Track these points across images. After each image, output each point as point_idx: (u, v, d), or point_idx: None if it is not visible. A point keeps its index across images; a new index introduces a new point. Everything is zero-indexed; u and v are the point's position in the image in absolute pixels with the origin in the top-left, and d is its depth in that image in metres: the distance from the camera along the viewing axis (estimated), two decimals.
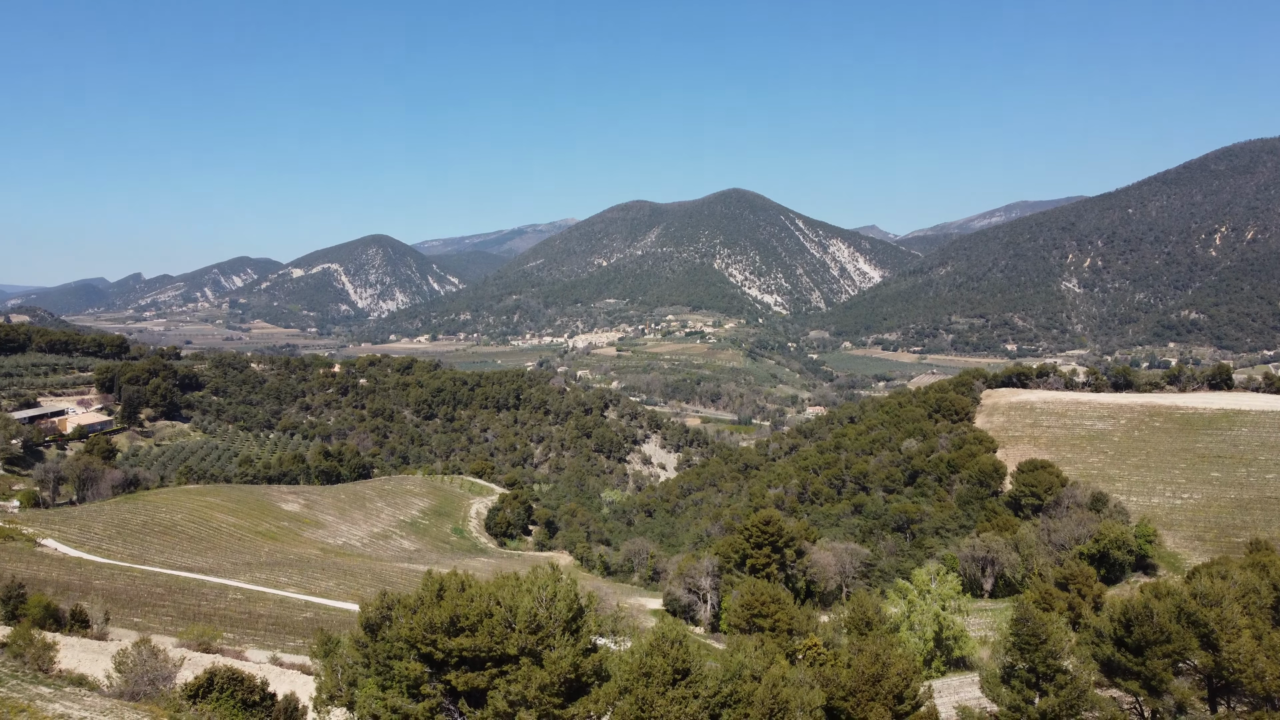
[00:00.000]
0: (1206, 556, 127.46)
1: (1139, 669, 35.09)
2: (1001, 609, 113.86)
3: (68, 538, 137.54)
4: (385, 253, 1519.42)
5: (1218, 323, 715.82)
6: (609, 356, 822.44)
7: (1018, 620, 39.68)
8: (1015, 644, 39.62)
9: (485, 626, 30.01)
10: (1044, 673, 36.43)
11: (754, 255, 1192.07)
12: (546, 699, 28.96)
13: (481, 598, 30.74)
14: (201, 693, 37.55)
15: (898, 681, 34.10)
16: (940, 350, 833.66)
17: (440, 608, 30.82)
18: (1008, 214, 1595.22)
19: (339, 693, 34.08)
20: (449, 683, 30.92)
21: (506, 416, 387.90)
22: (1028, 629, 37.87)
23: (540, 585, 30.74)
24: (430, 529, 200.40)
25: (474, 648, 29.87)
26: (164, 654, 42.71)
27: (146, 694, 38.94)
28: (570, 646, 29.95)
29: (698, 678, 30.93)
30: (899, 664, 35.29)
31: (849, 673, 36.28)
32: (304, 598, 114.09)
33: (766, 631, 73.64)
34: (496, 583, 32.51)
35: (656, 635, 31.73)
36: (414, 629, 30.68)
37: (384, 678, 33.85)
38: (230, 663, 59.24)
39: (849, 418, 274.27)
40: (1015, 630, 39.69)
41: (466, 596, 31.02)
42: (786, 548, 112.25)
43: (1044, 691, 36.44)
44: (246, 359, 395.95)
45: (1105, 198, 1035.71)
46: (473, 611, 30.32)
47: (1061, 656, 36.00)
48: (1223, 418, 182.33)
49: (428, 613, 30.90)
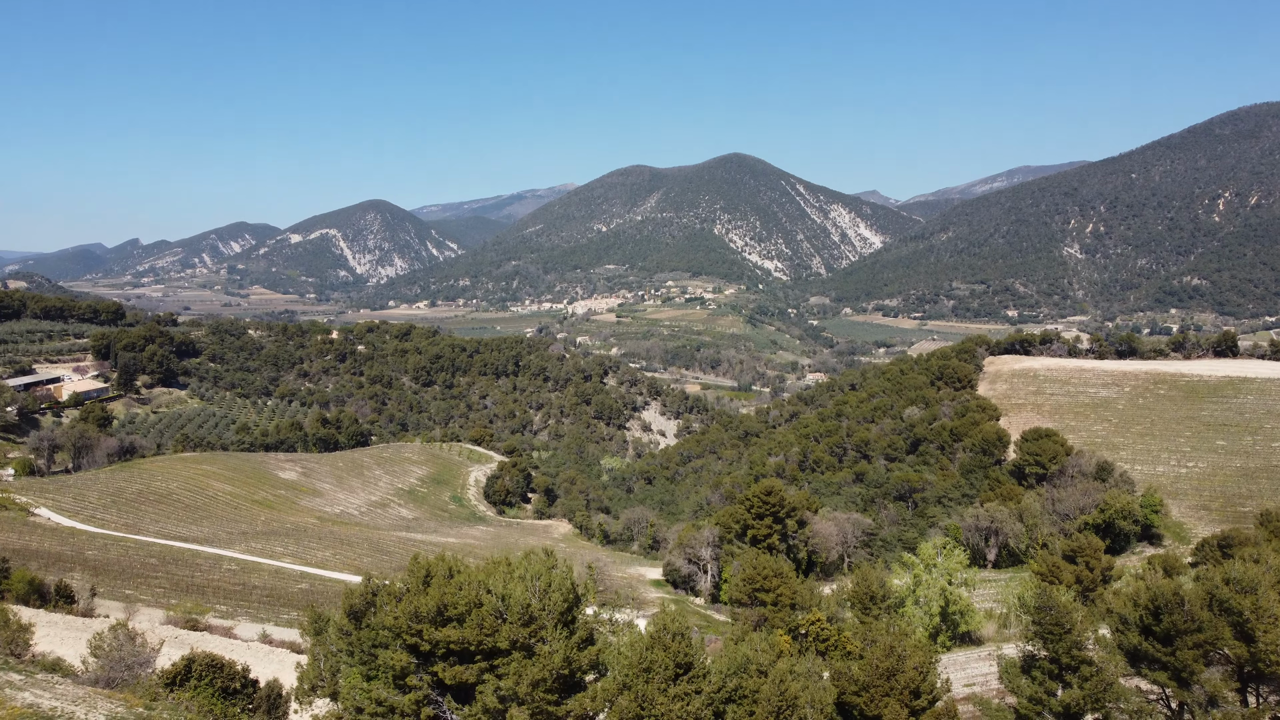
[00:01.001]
0: (1213, 526, 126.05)
1: (1168, 659, 33.32)
2: (1006, 579, 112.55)
3: (62, 507, 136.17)
4: (384, 218, 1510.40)
5: (1220, 289, 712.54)
6: (609, 323, 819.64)
7: (1039, 608, 37.82)
8: (1037, 632, 37.77)
9: (475, 617, 28.14)
10: (1068, 664, 34.65)
11: (754, 221, 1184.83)
12: (539, 695, 27.17)
13: (471, 586, 28.82)
14: (179, 680, 35.83)
15: (914, 676, 32.30)
16: (941, 316, 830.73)
17: (427, 596, 28.92)
18: (1010, 179, 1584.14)
19: (321, 683, 32.31)
20: (436, 674, 29.12)
21: (506, 383, 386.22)
22: (1050, 617, 36.04)
23: (533, 574, 28.83)
24: (429, 497, 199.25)
25: (462, 640, 28.02)
26: (142, 637, 40.97)
27: (123, 680, 37.20)
28: (564, 640, 28.10)
29: (700, 673, 29.12)
30: (915, 656, 33.48)
31: (861, 664, 34.52)
32: (299, 568, 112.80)
33: (769, 606, 72.14)
34: (487, 568, 30.63)
35: (658, 627, 29.89)
36: (399, 618, 28.81)
37: (369, 667, 32.05)
38: (217, 642, 57.64)
39: (850, 385, 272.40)
40: (1037, 618, 37.82)
41: (455, 584, 29.10)
42: (788, 518, 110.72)
43: (1067, 683, 34.70)
44: (244, 325, 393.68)
45: (1108, 162, 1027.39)
46: (461, 601, 28.43)
47: (1087, 646, 34.18)
48: (1228, 385, 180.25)
49: (413, 601, 29.01)
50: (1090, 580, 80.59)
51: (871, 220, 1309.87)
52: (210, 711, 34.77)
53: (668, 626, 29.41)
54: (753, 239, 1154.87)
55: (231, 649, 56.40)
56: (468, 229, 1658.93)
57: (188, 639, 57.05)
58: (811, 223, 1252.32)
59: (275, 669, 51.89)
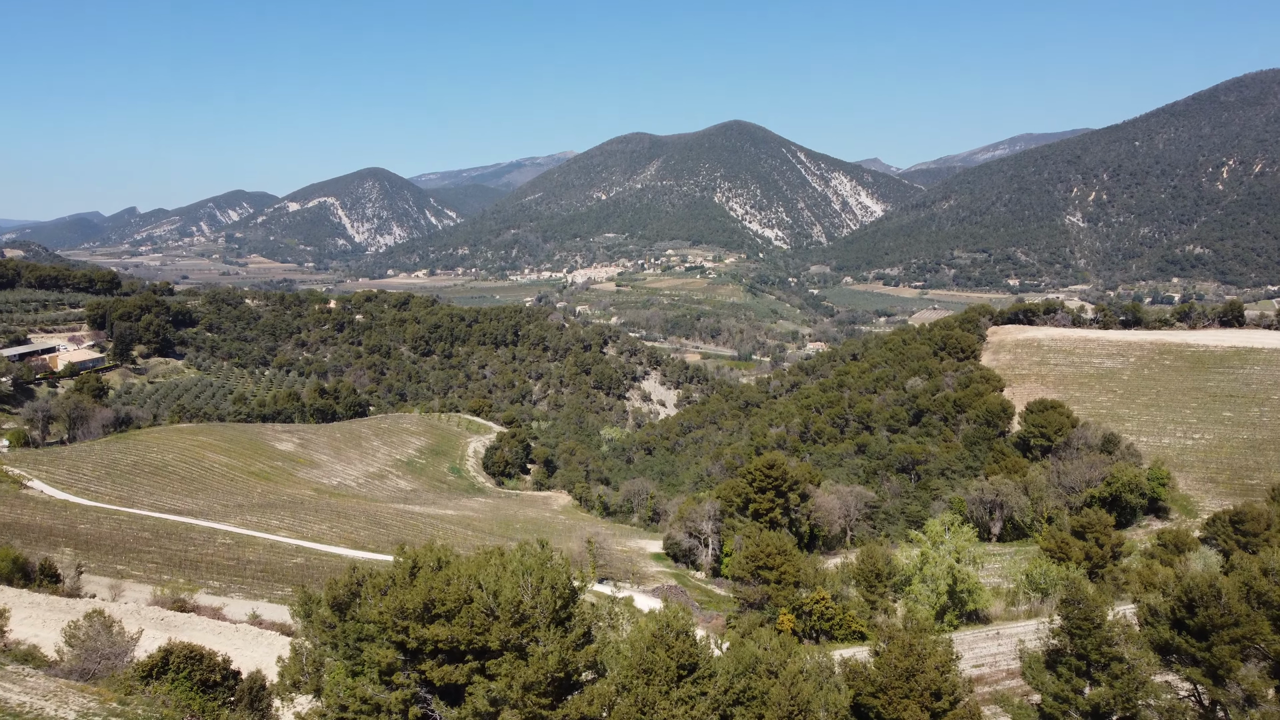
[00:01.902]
0: (1220, 500, 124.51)
1: (1202, 655, 31.50)
2: (1011, 553, 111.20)
3: (55, 479, 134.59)
4: (382, 186, 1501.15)
5: (1222, 258, 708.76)
6: (608, 292, 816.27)
7: (1067, 602, 35.94)
8: (1064, 628, 35.90)
9: (464, 614, 26.28)
10: (1097, 660, 32.84)
11: (755, 189, 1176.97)
12: (532, 699, 25.35)
13: (460, 580, 26.91)
14: (156, 672, 34.07)
15: (934, 677, 30.46)
16: (942, 285, 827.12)
17: (413, 590, 27.03)
18: (1012, 146, 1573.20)
19: (304, 678, 30.50)
20: (424, 673, 27.29)
21: (505, 353, 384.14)
22: (1079, 611, 34.16)
23: (525, 569, 26.89)
24: (427, 468, 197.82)
25: (451, 638, 26.16)
26: (120, 625, 39.18)
27: (100, 671, 35.44)
28: (559, 640, 26.22)
29: (706, 673, 27.29)
30: (935, 654, 31.62)
31: (877, 660, 32.65)
32: (295, 542, 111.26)
33: (772, 584, 70.55)
34: (478, 561, 28.70)
35: (659, 625, 27.97)
36: (384, 614, 26.93)
37: (354, 662, 30.21)
38: (205, 624, 55.98)
39: (852, 355, 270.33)
40: (1065, 612, 35.94)
41: (443, 578, 27.19)
42: (790, 492, 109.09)
43: (1095, 681, 32.91)
44: (241, 295, 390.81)
45: (1112, 130, 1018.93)
46: (450, 596, 26.54)
47: (1117, 642, 32.28)
48: (1234, 355, 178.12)
49: (399, 596, 27.11)
50: (1100, 557, 79.08)
51: (873, 188, 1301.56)
52: (188, 706, 33.06)
53: (670, 624, 27.53)
54: (753, 207, 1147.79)
55: (219, 632, 54.76)
56: (467, 197, 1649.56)
57: (174, 621, 55.39)
58: (812, 191, 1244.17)
59: (264, 654, 50.31)
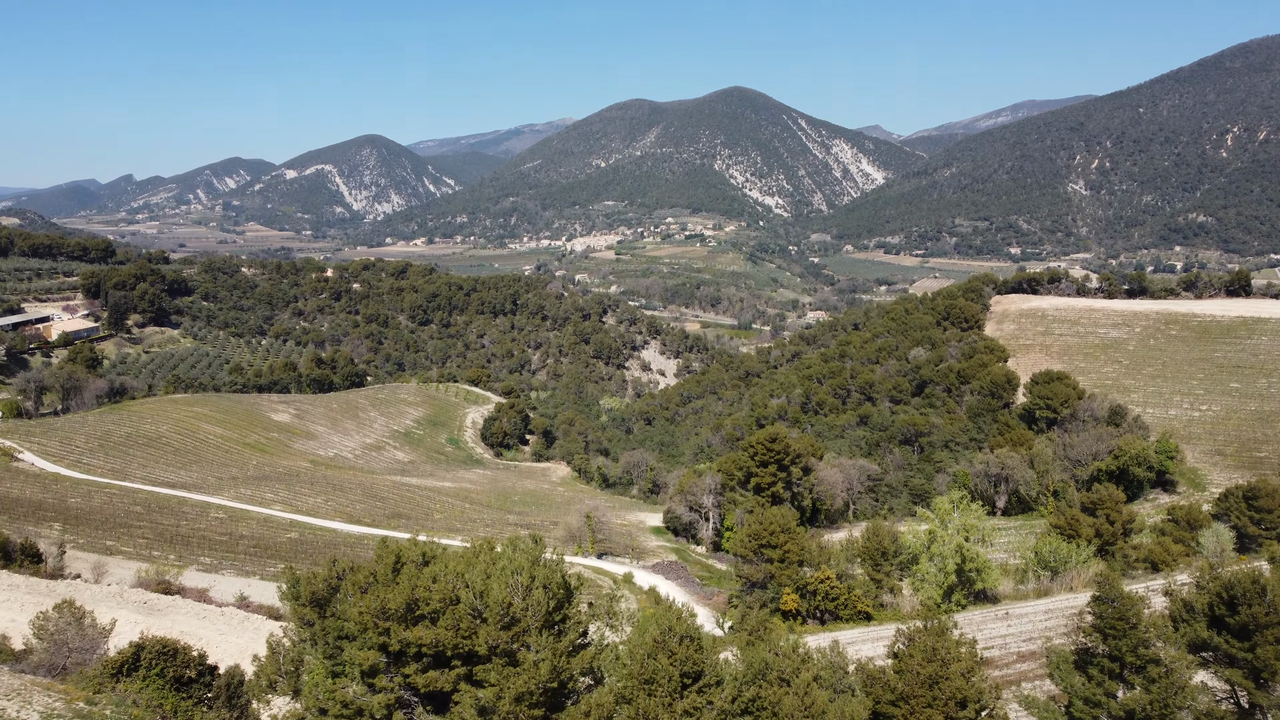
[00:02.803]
0: (1228, 473, 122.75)
1: (1244, 655, 29.53)
2: (1016, 527, 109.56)
3: (47, 451, 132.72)
4: (379, 153, 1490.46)
5: (1225, 226, 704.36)
6: (607, 260, 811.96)
7: (1099, 599, 33.89)
8: (1096, 626, 33.86)
9: (449, 616, 24.25)
10: (1133, 663, 30.84)
11: (755, 156, 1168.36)
12: (523, 710, 23.35)
13: (446, 578, 24.84)
14: (126, 669, 32.13)
15: (960, 684, 28.42)
16: (943, 254, 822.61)
17: (396, 589, 24.96)
18: (1014, 114, 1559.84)
19: (280, 678, 28.53)
20: (408, 677, 25.28)
21: (503, 322, 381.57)
22: (1113, 610, 32.13)
23: (516, 568, 24.77)
24: (425, 439, 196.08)
25: (435, 641, 24.15)
26: (91, 616, 37.20)
27: (71, 667, 33.50)
28: (551, 647, 24.18)
29: (713, 680, 25.26)
30: (960, 660, 29.57)
31: (896, 664, 30.59)
32: (289, 516, 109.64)
33: (775, 563, 68.73)
34: (467, 556, 26.63)
35: (661, 629, 25.90)
36: (364, 614, 24.85)
37: (334, 661, 28.17)
38: (189, 608, 54.12)
39: (853, 324, 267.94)
40: (1097, 610, 33.89)
41: (428, 575, 25.12)
42: (793, 465, 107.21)
43: (1130, 684, 30.94)
44: (237, 263, 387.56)
45: (1115, 97, 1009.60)
46: (434, 596, 24.51)
47: (1155, 644, 30.26)
48: (1241, 325, 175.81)
49: (381, 594, 25.04)
50: (1110, 534, 77.31)
51: (874, 156, 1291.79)
52: (160, 706, 31.16)
53: (674, 627, 25.48)
54: (753, 175, 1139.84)
55: (204, 616, 52.92)
56: (465, 165, 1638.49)
57: (157, 604, 53.51)
58: (813, 158, 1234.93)
59: (248, 640, 48.49)
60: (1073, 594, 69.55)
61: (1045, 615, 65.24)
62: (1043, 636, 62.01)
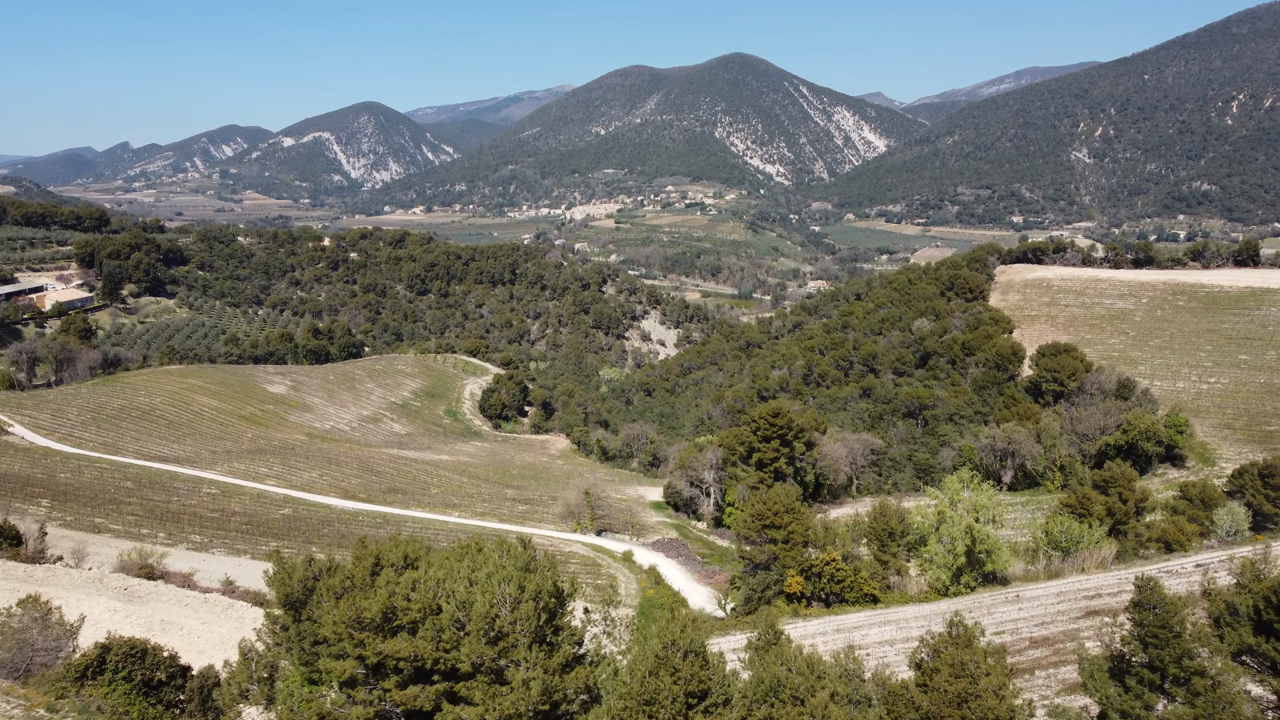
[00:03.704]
0: (1238, 447, 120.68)
1: None
2: (1023, 502, 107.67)
3: (39, 424, 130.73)
4: (377, 121, 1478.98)
5: (1230, 194, 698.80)
6: (607, 229, 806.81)
7: (1139, 605, 31.73)
8: (1135, 634, 31.74)
9: (430, 627, 22.14)
10: (1176, 675, 28.74)
11: (756, 123, 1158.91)
12: None
13: (427, 584, 22.66)
14: (91, 672, 30.12)
15: (992, 703, 26.23)
16: (945, 222, 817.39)
17: (372, 595, 22.80)
18: (1018, 80, 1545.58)
19: (251, 688, 26.43)
20: (386, 692, 23.17)
21: (502, 292, 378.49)
22: (1155, 618, 30.01)
23: (504, 577, 22.56)
24: (422, 411, 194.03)
25: (415, 655, 22.05)
26: (59, 614, 35.12)
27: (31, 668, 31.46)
28: (542, 664, 22.06)
29: (719, 700, 23.13)
30: (991, 673, 27.36)
31: (920, 679, 28.41)
32: (283, 491, 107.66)
33: (780, 544, 66.74)
34: (453, 556, 24.45)
35: (664, 642, 23.73)
36: (337, 624, 22.69)
37: (310, 669, 26.04)
38: (171, 595, 52.12)
39: (856, 294, 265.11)
40: (1137, 617, 31.73)
41: (408, 581, 22.95)
42: (796, 440, 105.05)
43: (1171, 696, 28.88)
44: (233, 232, 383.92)
45: (1120, 63, 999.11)
46: (414, 605, 22.36)
47: (1200, 654, 28.12)
48: (1250, 296, 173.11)
49: (356, 601, 22.89)
50: (1123, 513, 75.28)
51: (876, 123, 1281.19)
52: (126, 712, 29.18)
53: (677, 640, 23.30)
54: (754, 142, 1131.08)
55: (186, 603, 50.94)
56: (463, 132, 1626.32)
57: (139, 590, 51.50)
58: (814, 125, 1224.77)
59: (231, 629, 46.52)
60: (1085, 575, 67.69)
61: (1057, 598, 63.36)
62: (1055, 621, 60.22)
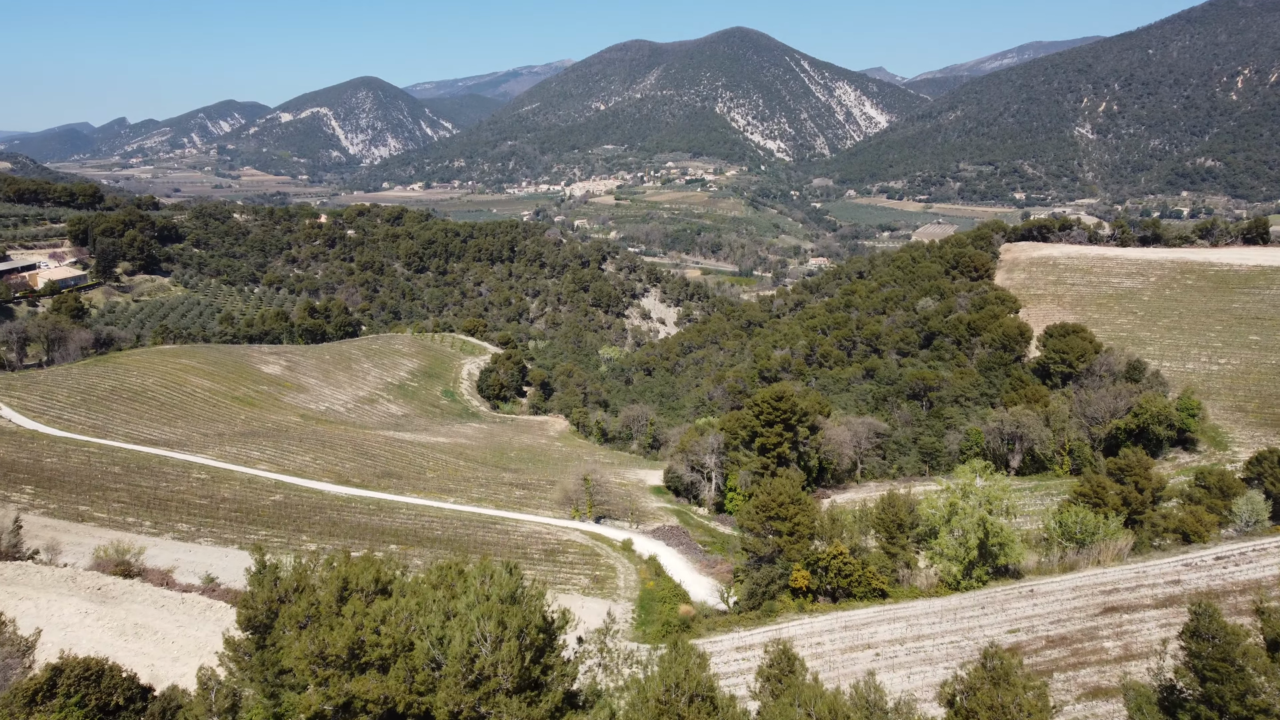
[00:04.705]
0: (1250, 430, 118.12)
1: None
2: (1031, 487, 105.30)
3: (27, 406, 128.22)
4: (375, 96, 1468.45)
5: (1234, 170, 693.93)
6: (607, 205, 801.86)
7: (1193, 634, 29.12)
8: (1192, 666, 29.16)
9: (402, 665, 19.63)
10: (1238, 714, 26.10)
11: (757, 99, 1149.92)
12: None
13: (399, 616, 20.10)
14: (41, 697, 27.64)
15: None
16: (947, 199, 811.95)
17: (339, 628, 20.25)
18: (1021, 55, 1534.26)
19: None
20: None
21: (501, 270, 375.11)
22: (1215, 650, 27.42)
23: (485, 612, 19.92)
24: (419, 392, 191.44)
25: (384, 697, 19.52)
26: (13, 626, 32.58)
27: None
28: (526, 714, 19.47)
29: None
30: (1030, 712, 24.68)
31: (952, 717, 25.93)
32: (275, 476, 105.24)
33: (785, 536, 64.29)
34: (430, 580, 21.84)
35: (667, 685, 21.13)
36: (300, 658, 20.15)
37: (275, 702, 23.50)
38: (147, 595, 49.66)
39: (858, 273, 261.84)
40: (1194, 649, 29.12)
41: (378, 612, 20.38)
42: (799, 424, 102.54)
43: None
44: (229, 209, 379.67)
45: (1124, 38, 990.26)
46: (385, 640, 19.84)
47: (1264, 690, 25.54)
48: (1260, 275, 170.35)
49: (320, 634, 20.33)
50: (1139, 502, 72.83)
51: (877, 99, 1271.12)
52: None
53: (681, 684, 20.68)
54: (755, 118, 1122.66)
55: (162, 604, 48.46)
56: (462, 108, 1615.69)
57: (113, 590, 49.03)
58: (816, 101, 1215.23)
59: (209, 631, 44.10)
60: (1101, 568, 65.30)
61: (1073, 594, 60.94)
62: (1072, 618, 57.82)
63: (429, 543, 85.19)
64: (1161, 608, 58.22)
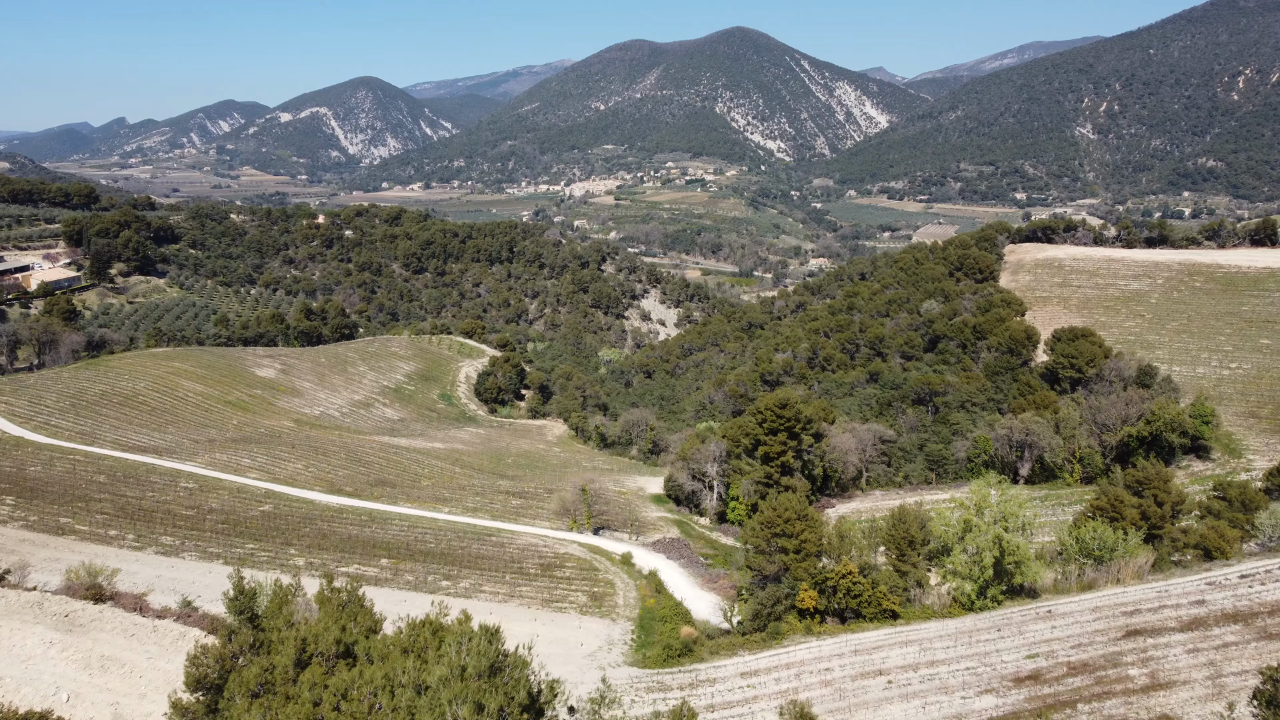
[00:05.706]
0: (1264, 437, 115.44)
1: None
2: (1042, 497, 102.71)
3: (14, 411, 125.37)
4: (375, 96, 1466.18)
5: (1235, 170, 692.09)
6: (607, 205, 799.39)
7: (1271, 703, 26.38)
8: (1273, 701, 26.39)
9: None
10: None
11: (757, 99, 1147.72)
12: None
13: (362, 691, 17.36)
14: None
15: None
16: (947, 199, 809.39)
17: (293, 702, 17.50)
18: (1021, 55, 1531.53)
19: None
20: None
21: (500, 270, 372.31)
22: None
23: (455, 694, 17.12)
24: (416, 395, 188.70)
25: None
26: None
27: None
28: None
29: None
30: None
31: None
32: (265, 485, 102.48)
33: (791, 554, 61.57)
34: (399, 645, 19.11)
35: None
36: None
37: None
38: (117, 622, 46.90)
39: (860, 274, 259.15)
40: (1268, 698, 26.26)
41: (338, 685, 17.66)
42: (804, 432, 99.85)
43: None
44: (225, 210, 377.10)
45: (1125, 38, 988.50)
46: (345, 717, 17.09)
47: None
48: (1270, 277, 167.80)
49: (274, 708, 17.60)
50: (1158, 516, 70.16)
51: (878, 99, 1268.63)
52: None
53: None
54: (755, 118, 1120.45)
55: (132, 633, 45.72)
56: (462, 107, 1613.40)
57: (81, 617, 46.30)
58: (816, 101, 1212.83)
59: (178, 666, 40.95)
60: (1121, 587, 62.59)
61: (1093, 615, 58.18)
62: (1094, 642, 55.07)
63: (421, 556, 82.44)
64: (1187, 630, 55.52)
